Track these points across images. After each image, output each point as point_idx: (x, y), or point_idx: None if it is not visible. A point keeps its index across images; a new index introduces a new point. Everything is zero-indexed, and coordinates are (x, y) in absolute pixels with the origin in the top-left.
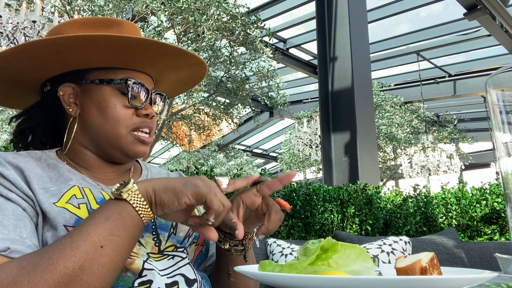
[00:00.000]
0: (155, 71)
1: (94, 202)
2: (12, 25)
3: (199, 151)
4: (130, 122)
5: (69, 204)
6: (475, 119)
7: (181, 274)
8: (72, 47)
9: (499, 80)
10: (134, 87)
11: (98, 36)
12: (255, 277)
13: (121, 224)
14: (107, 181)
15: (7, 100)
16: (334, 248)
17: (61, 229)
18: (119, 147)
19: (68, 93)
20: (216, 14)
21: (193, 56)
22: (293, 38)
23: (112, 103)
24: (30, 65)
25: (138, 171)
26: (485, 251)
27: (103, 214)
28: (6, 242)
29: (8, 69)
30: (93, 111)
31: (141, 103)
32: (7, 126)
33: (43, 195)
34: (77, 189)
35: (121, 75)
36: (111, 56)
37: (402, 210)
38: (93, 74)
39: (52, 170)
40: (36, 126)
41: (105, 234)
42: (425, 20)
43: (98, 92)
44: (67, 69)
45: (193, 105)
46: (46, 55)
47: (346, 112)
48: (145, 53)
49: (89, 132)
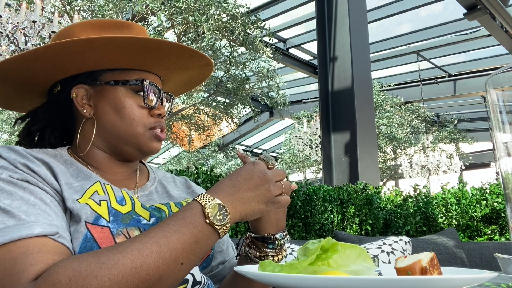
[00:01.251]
0: (166, 72)
1: (114, 200)
2: (12, 25)
3: (199, 151)
4: (147, 122)
5: (91, 200)
6: (475, 119)
7: (191, 274)
8: (94, 49)
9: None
10: (150, 88)
11: (122, 38)
12: (255, 277)
13: (205, 247)
14: (116, 182)
15: (11, 104)
16: (334, 248)
17: (81, 224)
18: (136, 144)
19: (81, 95)
20: (216, 14)
21: (204, 58)
22: (293, 38)
23: (128, 103)
24: (48, 65)
25: (145, 173)
26: (485, 251)
27: (193, 235)
28: (53, 228)
29: (24, 70)
30: (109, 111)
31: (154, 103)
32: (7, 126)
33: (67, 191)
34: (99, 185)
35: (135, 76)
36: (128, 57)
37: (402, 210)
38: (107, 75)
39: (71, 167)
40: (45, 127)
41: (189, 254)
42: (425, 20)
43: (113, 93)
44: (82, 70)
45: (193, 105)
46: (67, 56)
47: (346, 112)
48: (160, 54)
49: (103, 132)
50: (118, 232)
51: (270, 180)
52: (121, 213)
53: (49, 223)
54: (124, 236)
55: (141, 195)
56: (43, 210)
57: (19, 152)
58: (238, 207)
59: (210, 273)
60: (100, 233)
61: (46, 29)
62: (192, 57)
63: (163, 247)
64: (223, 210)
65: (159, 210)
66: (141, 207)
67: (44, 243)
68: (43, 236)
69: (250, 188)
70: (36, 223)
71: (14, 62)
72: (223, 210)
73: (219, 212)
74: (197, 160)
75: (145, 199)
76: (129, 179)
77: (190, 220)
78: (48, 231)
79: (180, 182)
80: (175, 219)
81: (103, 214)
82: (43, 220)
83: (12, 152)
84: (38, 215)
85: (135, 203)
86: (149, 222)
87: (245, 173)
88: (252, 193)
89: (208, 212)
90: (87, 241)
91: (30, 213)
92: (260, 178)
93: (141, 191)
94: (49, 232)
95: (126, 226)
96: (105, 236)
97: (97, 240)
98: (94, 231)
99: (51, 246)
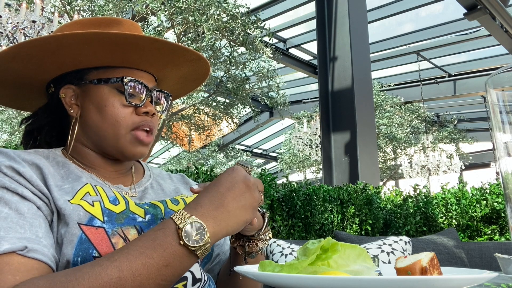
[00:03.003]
0: (155, 69)
1: (107, 200)
2: (12, 25)
3: (199, 151)
4: (130, 121)
5: (83, 201)
6: (475, 119)
7: (190, 271)
8: (64, 46)
9: (499, 80)
10: (131, 85)
11: (86, 34)
12: (255, 277)
13: (179, 271)
14: (112, 180)
15: (15, 102)
16: (334, 248)
17: (74, 226)
18: (117, 147)
19: (69, 95)
20: (216, 14)
21: (190, 51)
22: (293, 38)
23: (110, 102)
24: (28, 66)
25: (140, 171)
26: (485, 251)
27: (163, 259)
28: (23, 241)
29: (8, 71)
30: (93, 111)
31: (141, 101)
32: (7, 126)
33: (57, 192)
34: (90, 186)
35: (118, 74)
36: (104, 54)
37: (402, 210)
38: (92, 74)
39: (62, 168)
40: (42, 127)
41: (157, 279)
42: (425, 20)
43: (96, 92)
44: (65, 70)
45: (193, 105)
46: (42, 55)
47: (346, 112)
48: (137, 50)
49: (89, 132)
50: (113, 232)
51: (254, 186)
52: (115, 213)
53: (18, 237)
54: (120, 236)
55: (136, 191)
56: (16, 222)
57: (7, 154)
58: (223, 222)
59: (208, 267)
60: (95, 234)
61: (46, 29)
62: (176, 52)
63: (124, 272)
64: (201, 229)
65: (154, 207)
66: (135, 205)
67: (7, 261)
68: (10, 252)
69: (235, 198)
70: (4, 238)
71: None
72: (201, 229)
73: (197, 232)
74: (197, 160)
75: (140, 195)
76: (124, 176)
77: (160, 241)
78: (16, 246)
79: (176, 178)
80: (144, 239)
81: (97, 215)
82: (13, 234)
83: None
84: (8, 228)
85: (128, 201)
86: (145, 219)
87: (227, 182)
88: (238, 202)
89: (183, 234)
90: (83, 243)
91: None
92: (244, 184)
93: (137, 187)
94: (17, 247)
95: (121, 225)
96: (101, 237)
97: (93, 241)
98: (88, 232)
99: (16, 264)
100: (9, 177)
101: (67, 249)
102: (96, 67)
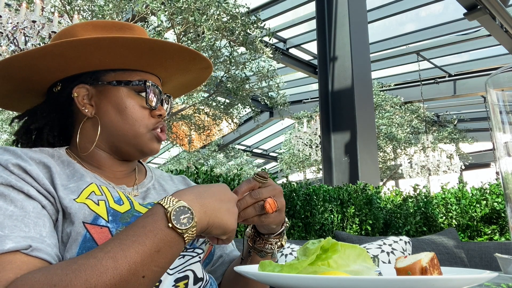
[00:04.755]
0: (166, 73)
1: (112, 200)
2: (12, 25)
3: (199, 151)
4: (148, 122)
5: (89, 200)
6: (475, 119)
7: (191, 270)
8: (100, 48)
9: (499, 80)
10: (152, 89)
11: (128, 38)
12: (255, 277)
13: (170, 257)
14: (115, 180)
15: (8, 103)
16: (334, 248)
17: (79, 225)
18: (137, 144)
19: (82, 94)
20: (216, 14)
21: (205, 61)
22: (293, 38)
23: (130, 103)
24: (53, 64)
25: (142, 172)
26: (485, 251)
27: (154, 244)
28: (27, 240)
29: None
30: (111, 111)
31: (155, 104)
32: (7, 126)
33: (63, 192)
34: (95, 186)
35: (137, 77)
36: (132, 58)
37: (402, 210)
38: (109, 76)
39: (67, 167)
40: (44, 126)
41: (150, 265)
42: (425, 20)
43: (115, 93)
44: (85, 70)
45: (193, 105)
46: (73, 54)
47: (346, 112)
48: (164, 56)
49: (104, 131)
50: (117, 231)
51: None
52: (120, 213)
53: (23, 236)
54: None
55: (139, 191)
56: (20, 221)
57: (14, 152)
58: (209, 210)
59: (210, 268)
60: (99, 233)
61: (46, 29)
62: (194, 60)
63: (119, 261)
64: (189, 212)
65: None
66: (139, 205)
67: (10, 260)
68: (15, 251)
69: (222, 200)
70: (8, 237)
71: (19, 59)
72: (189, 213)
73: (184, 215)
74: (197, 160)
75: (143, 195)
76: (128, 177)
77: (151, 227)
78: (20, 245)
79: (178, 180)
80: (134, 228)
81: (102, 214)
82: (18, 233)
83: (6, 153)
84: (13, 227)
85: (133, 202)
86: None
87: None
88: (224, 204)
89: (171, 216)
90: (87, 242)
91: (5, 226)
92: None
93: (139, 188)
94: (21, 246)
95: (126, 225)
96: (105, 236)
97: (97, 240)
98: (93, 231)
99: (19, 263)
100: (15, 175)
101: (72, 247)
102: (114, 69)
